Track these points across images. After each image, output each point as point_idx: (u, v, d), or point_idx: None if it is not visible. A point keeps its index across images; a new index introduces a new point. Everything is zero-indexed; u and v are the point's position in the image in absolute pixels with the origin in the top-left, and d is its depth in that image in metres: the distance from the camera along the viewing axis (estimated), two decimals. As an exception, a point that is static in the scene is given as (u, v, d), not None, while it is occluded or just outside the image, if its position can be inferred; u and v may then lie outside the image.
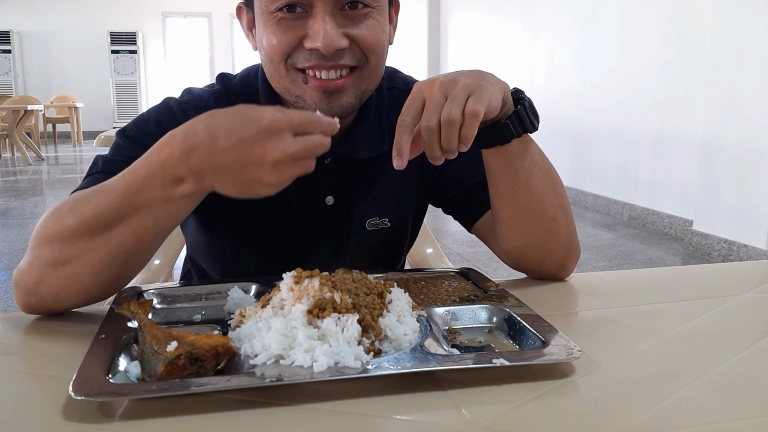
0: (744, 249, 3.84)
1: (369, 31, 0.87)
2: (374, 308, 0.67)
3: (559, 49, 6.35)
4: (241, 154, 0.66)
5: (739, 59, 3.81)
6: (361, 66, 0.89)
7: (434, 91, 0.76)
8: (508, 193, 0.90)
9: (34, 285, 0.78)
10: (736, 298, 0.88)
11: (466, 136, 0.74)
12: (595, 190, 5.73)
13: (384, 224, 1.04)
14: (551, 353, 0.64)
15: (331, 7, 0.84)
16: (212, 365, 0.62)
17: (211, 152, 0.67)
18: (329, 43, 0.83)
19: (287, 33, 0.86)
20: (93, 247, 0.75)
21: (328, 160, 0.99)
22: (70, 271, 0.76)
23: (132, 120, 0.99)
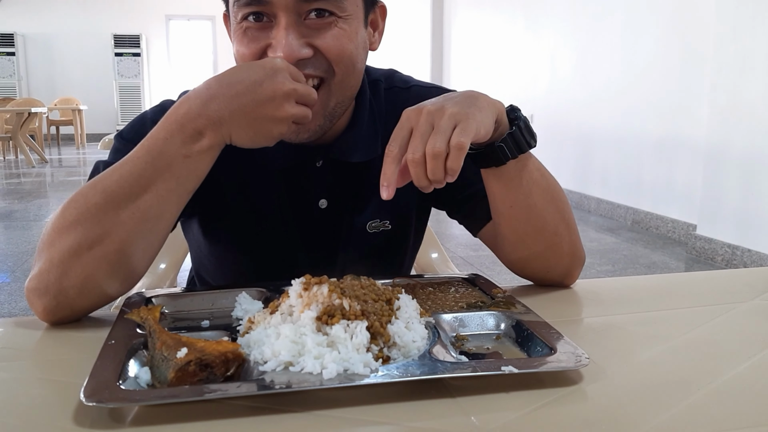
0: (748, 254, 3.83)
1: (333, 40, 0.86)
2: (383, 315, 0.67)
3: (562, 51, 6.35)
4: (255, 93, 0.76)
5: (742, 62, 3.81)
6: (327, 78, 0.88)
7: (421, 121, 0.75)
8: (508, 211, 0.91)
9: (57, 282, 0.77)
10: (742, 305, 0.88)
11: (452, 168, 0.73)
12: (598, 194, 5.73)
13: (385, 226, 1.04)
14: (559, 360, 0.64)
15: (294, 17, 0.84)
16: (222, 372, 0.62)
17: (227, 97, 0.76)
18: (290, 53, 0.83)
19: (252, 43, 0.87)
20: (120, 220, 0.76)
21: (320, 163, 0.99)
22: (97, 253, 0.76)
23: (129, 123, 1.00)
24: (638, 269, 4.01)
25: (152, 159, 0.77)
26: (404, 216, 1.06)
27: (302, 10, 0.84)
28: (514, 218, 0.91)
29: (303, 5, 0.84)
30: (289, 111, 0.77)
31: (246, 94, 0.76)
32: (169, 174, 0.77)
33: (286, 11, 0.84)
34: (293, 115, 0.78)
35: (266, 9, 0.85)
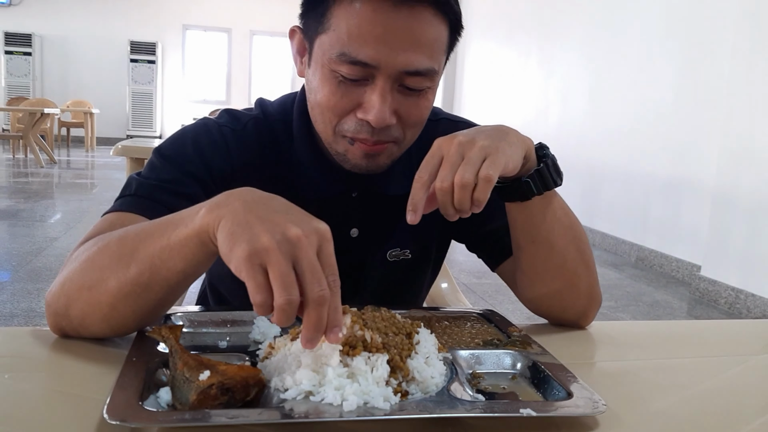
0: (752, 298, 3.83)
1: (417, 110, 0.89)
2: (403, 349, 0.68)
3: (574, 86, 6.39)
4: (278, 212, 0.65)
5: (755, 107, 3.83)
6: (398, 141, 0.90)
7: (452, 151, 0.77)
8: (529, 246, 0.92)
9: (64, 308, 0.78)
10: (755, 357, 0.89)
11: (478, 199, 0.75)
12: (604, 229, 5.73)
13: (405, 255, 1.05)
14: (577, 406, 0.64)
15: (390, 83, 0.85)
16: (242, 396, 0.62)
17: (250, 202, 0.67)
18: (380, 120, 0.85)
19: (344, 99, 0.86)
20: (114, 272, 0.74)
21: (356, 194, 1.00)
22: (94, 297, 0.75)
23: (169, 138, 0.99)
24: (640, 307, 4.00)
25: (161, 229, 0.73)
26: (425, 246, 1.07)
27: (401, 80, 0.85)
28: (535, 254, 0.92)
29: (405, 77, 0.85)
30: (273, 259, 0.60)
31: (269, 206, 0.67)
32: (161, 250, 0.72)
33: (388, 78, 0.84)
34: (261, 269, 0.61)
35: (368, 71, 0.84)
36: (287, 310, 0.59)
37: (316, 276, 0.61)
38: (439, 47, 0.87)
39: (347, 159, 0.91)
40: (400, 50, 0.82)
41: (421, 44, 0.83)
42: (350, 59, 0.82)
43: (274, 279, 0.60)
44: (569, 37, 6.50)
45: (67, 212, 5.83)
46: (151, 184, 0.90)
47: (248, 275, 0.61)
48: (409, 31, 0.82)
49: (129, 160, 3.63)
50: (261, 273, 0.61)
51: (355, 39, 0.82)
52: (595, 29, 6.04)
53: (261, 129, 0.99)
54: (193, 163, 0.93)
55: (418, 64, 0.84)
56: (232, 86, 13.73)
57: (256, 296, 0.60)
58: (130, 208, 0.87)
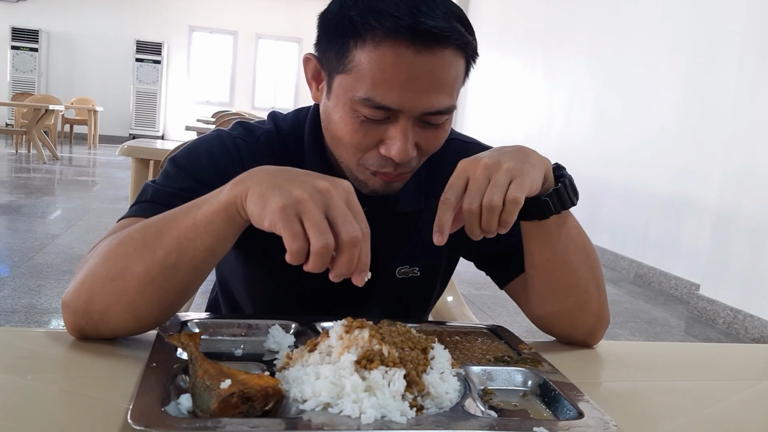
0: (750, 319, 3.84)
1: (435, 141, 0.90)
2: (419, 364, 0.69)
3: (578, 100, 6.42)
4: (302, 173, 0.72)
5: (758, 129, 3.86)
6: (415, 168, 0.93)
7: (478, 173, 0.78)
8: (543, 264, 0.93)
9: (84, 304, 0.79)
10: (762, 383, 0.90)
11: (506, 221, 0.77)
12: (603, 244, 5.75)
13: (414, 272, 1.06)
14: (588, 426, 0.65)
15: (413, 122, 0.86)
16: (261, 406, 0.63)
17: (275, 172, 0.73)
18: (405, 158, 0.87)
19: (367, 137, 0.87)
20: (140, 257, 0.76)
21: (366, 209, 1.01)
22: (118, 286, 0.77)
23: (184, 148, 1.01)
24: (638, 324, 4.01)
25: (184, 212, 0.77)
26: (434, 264, 1.09)
27: (422, 117, 0.86)
28: (549, 272, 0.94)
29: (426, 116, 0.86)
30: (307, 207, 0.67)
31: (292, 172, 0.73)
32: (187, 229, 0.75)
33: (410, 118, 0.85)
34: (296, 219, 0.67)
35: (391, 113, 0.85)
36: (323, 253, 0.66)
37: (348, 219, 0.68)
38: (458, 83, 0.89)
39: (367, 186, 0.93)
40: (423, 93, 0.84)
41: (443, 86, 0.85)
42: (374, 104, 0.84)
43: (310, 226, 0.66)
44: (575, 52, 6.53)
45: (68, 209, 5.84)
46: (167, 191, 0.91)
47: (284, 225, 0.66)
48: (431, 74, 0.83)
49: (134, 160, 3.66)
50: (296, 222, 0.67)
51: (379, 85, 0.83)
52: (600, 44, 6.08)
53: (273, 142, 1.01)
54: (207, 172, 0.95)
55: (439, 105, 0.86)
56: (236, 89, 13.76)
57: (293, 244, 0.66)
58: (145, 213, 0.89)
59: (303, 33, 12.99)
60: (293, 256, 0.66)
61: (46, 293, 3.36)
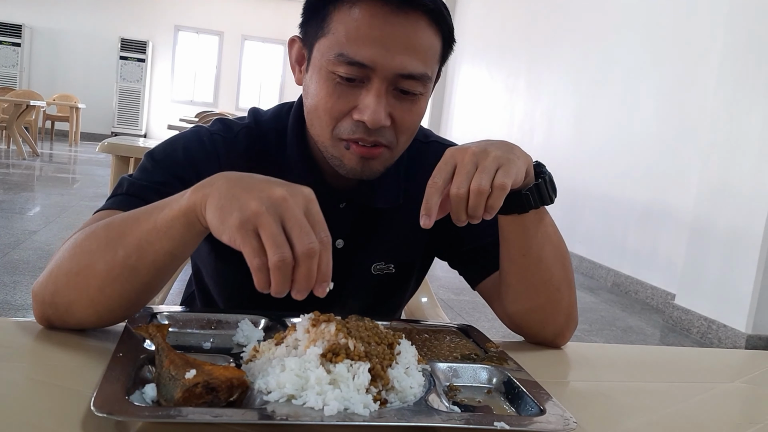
0: (723, 329, 3.89)
1: (410, 116, 0.92)
2: (384, 358, 0.70)
3: (559, 111, 6.49)
4: (260, 180, 0.69)
5: (735, 143, 3.92)
6: (391, 146, 0.93)
7: (466, 160, 0.80)
8: (519, 259, 0.95)
9: (51, 296, 0.80)
10: (723, 385, 0.92)
11: (492, 206, 0.79)
12: (581, 252, 5.80)
13: (389, 269, 1.07)
14: (548, 422, 0.67)
15: (386, 85, 0.88)
16: (226, 396, 0.64)
17: (236, 179, 0.71)
18: (376, 120, 0.88)
19: (340, 100, 0.89)
20: (102, 256, 0.76)
21: (343, 205, 1.02)
22: (81, 282, 0.77)
23: (161, 143, 1.02)
24: (614, 332, 4.05)
25: (146, 214, 0.76)
26: (409, 261, 1.10)
27: (396, 83, 0.89)
28: (524, 267, 0.95)
29: (400, 79, 0.88)
30: (263, 220, 0.64)
31: (252, 179, 0.70)
32: (148, 232, 0.75)
33: (383, 80, 0.87)
34: (254, 234, 0.65)
35: (365, 72, 0.87)
36: (281, 267, 0.63)
37: (304, 230, 0.65)
38: (433, 55, 0.91)
39: (343, 164, 0.93)
40: (395, 53, 0.86)
41: (415, 49, 0.88)
42: (348, 60, 0.86)
43: (266, 240, 0.64)
44: (557, 63, 6.60)
45: (47, 206, 5.78)
46: (142, 184, 0.92)
47: (243, 242, 0.64)
48: (404, 36, 0.87)
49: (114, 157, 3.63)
50: (255, 238, 0.65)
51: (354, 41, 0.86)
52: (582, 57, 6.14)
53: (252, 137, 1.02)
54: (182, 167, 0.96)
55: (413, 68, 0.88)
56: (221, 89, 13.71)
57: (254, 259, 0.64)
58: (120, 206, 0.90)
59: (289, 35, 12.90)
60: (257, 273, 0.64)
61: (21, 290, 3.32)
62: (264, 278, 0.65)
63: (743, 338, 3.76)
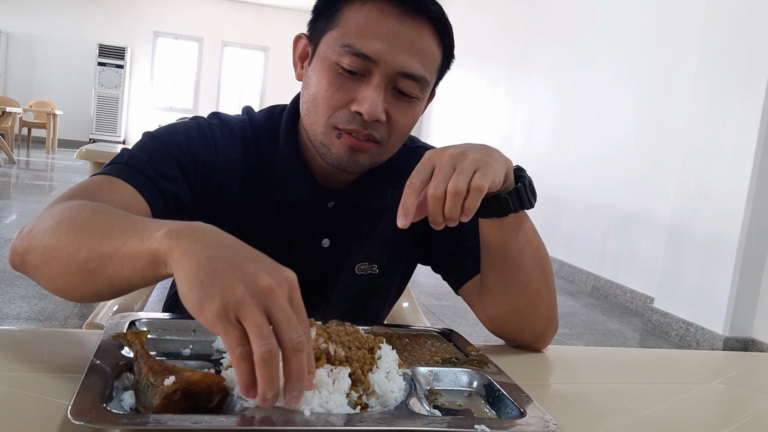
0: (701, 332, 3.94)
1: (405, 117, 0.95)
2: (365, 363, 0.70)
3: (539, 117, 6.53)
4: (243, 260, 0.63)
5: (712, 149, 3.98)
6: (383, 143, 0.95)
7: (444, 161, 0.80)
8: (499, 264, 0.95)
9: (23, 251, 0.80)
10: (700, 386, 0.93)
11: (468, 208, 0.79)
12: (562, 257, 5.84)
13: (373, 270, 1.08)
14: (528, 424, 0.67)
15: (386, 81, 0.91)
16: (205, 403, 0.63)
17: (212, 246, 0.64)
18: (373, 112, 0.90)
19: (340, 91, 0.92)
20: (68, 245, 0.74)
21: (332, 204, 1.03)
22: (47, 257, 0.76)
23: (161, 127, 1.03)
24: (594, 335, 4.08)
25: (120, 229, 0.72)
26: (393, 264, 1.11)
27: (396, 81, 0.92)
28: (504, 271, 0.96)
29: (400, 78, 0.91)
30: (248, 311, 0.58)
31: (236, 254, 0.63)
32: (113, 251, 0.71)
33: (384, 75, 0.91)
34: (237, 323, 0.59)
35: (367, 66, 0.90)
36: (268, 359, 0.57)
37: (293, 324, 0.60)
38: (433, 63, 0.95)
39: (330, 152, 0.95)
40: (399, 51, 0.90)
41: (418, 52, 0.92)
42: (354, 51, 0.90)
43: (251, 331, 0.58)
44: (537, 70, 6.66)
45: (23, 213, 5.70)
46: (142, 158, 0.94)
47: (225, 331, 0.59)
48: (409, 37, 0.91)
49: (92, 164, 3.60)
50: (238, 327, 0.59)
51: (362, 33, 0.90)
52: (562, 64, 6.20)
53: (246, 133, 1.04)
54: (180, 149, 0.98)
55: (414, 68, 0.91)
56: (201, 96, 13.64)
57: (237, 348, 0.58)
58: (119, 174, 0.91)
59: (269, 42, 12.95)
60: (240, 363, 0.58)
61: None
62: (248, 368, 0.58)
63: (721, 340, 3.81)
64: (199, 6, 13.25)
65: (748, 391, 0.95)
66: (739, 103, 3.80)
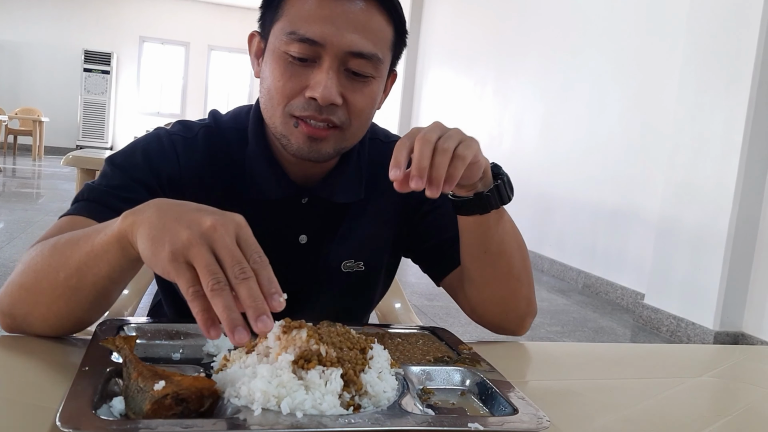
0: (692, 327, 3.96)
1: (362, 98, 0.94)
2: (357, 363, 0.69)
3: (527, 116, 6.55)
4: (191, 210, 0.68)
5: (698, 145, 4.00)
6: (344, 127, 0.94)
7: (431, 127, 0.82)
8: (481, 256, 0.98)
9: (9, 307, 0.82)
10: (691, 380, 0.93)
11: (452, 175, 0.79)
12: (552, 255, 5.86)
13: (359, 267, 1.09)
14: (522, 421, 0.67)
15: (338, 64, 0.91)
16: (196, 407, 0.63)
17: (168, 205, 0.70)
18: (327, 96, 0.89)
19: (293, 79, 0.92)
20: (47, 275, 0.79)
21: (306, 200, 1.03)
22: (32, 297, 0.80)
23: (122, 148, 1.03)
24: (586, 333, 4.09)
25: (86, 237, 0.77)
26: (377, 259, 1.11)
27: (347, 62, 0.91)
28: (487, 263, 0.98)
29: (350, 58, 0.91)
30: (195, 252, 0.63)
31: (182, 208, 0.69)
32: (86, 255, 0.76)
33: (334, 57, 0.90)
34: (188, 266, 0.64)
35: (316, 51, 0.90)
36: (217, 290, 0.61)
37: (236, 258, 0.63)
38: (383, 40, 0.94)
39: (291, 142, 0.95)
40: (345, 31, 0.89)
41: (365, 29, 0.91)
42: (299, 37, 0.89)
43: (200, 269, 0.63)
44: (525, 69, 6.67)
45: (10, 222, 5.65)
46: (102, 189, 0.95)
47: (177, 274, 0.63)
48: (354, 16, 0.90)
49: (80, 170, 3.57)
50: (189, 269, 0.63)
51: (305, 19, 0.90)
52: (549, 63, 6.22)
53: (212, 136, 1.04)
54: (141, 170, 0.98)
55: (362, 47, 0.90)
56: (188, 100, 13.60)
57: (189, 288, 0.62)
58: (81, 212, 0.92)
59: (256, 45, 12.90)
60: (193, 302, 0.62)
61: (-15, 307, 3.24)
62: (202, 305, 0.62)
63: (711, 335, 3.83)
64: (185, 10, 13.20)
65: (739, 383, 0.96)
66: (725, 98, 3.83)
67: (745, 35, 3.72)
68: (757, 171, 3.75)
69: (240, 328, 0.60)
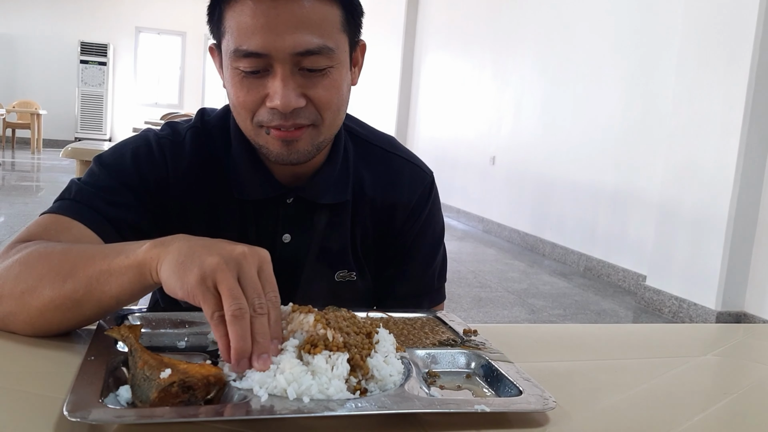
0: (693, 307, 3.97)
1: (325, 91, 0.91)
2: (363, 348, 0.69)
3: (526, 99, 6.53)
4: (219, 243, 0.71)
5: (698, 126, 3.99)
6: (316, 123, 0.93)
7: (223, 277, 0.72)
8: None
9: None
10: (696, 359, 0.93)
11: None
12: (553, 239, 5.86)
13: (351, 277, 1.10)
14: (528, 402, 0.67)
15: (290, 68, 0.88)
16: (203, 394, 0.63)
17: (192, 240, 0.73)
18: (286, 104, 0.88)
19: (251, 92, 0.90)
20: (50, 283, 0.77)
21: (290, 199, 1.03)
22: (25, 300, 0.78)
23: (111, 147, 1.03)
24: (588, 315, 4.10)
25: (102, 254, 0.78)
26: (366, 268, 1.12)
27: (299, 63, 0.88)
28: None
29: (300, 59, 0.88)
30: (223, 276, 0.66)
31: (212, 241, 0.72)
32: (100, 272, 0.76)
33: (284, 63, 0.87)
34: (214, 290, 0.67)
35: (265, 61, 0.88)
36: (238, 316, 0.65)
37: (257, 291, 0.68)
38: (330, 26, 0.89)
39: (269, 150, 0.94)
40: (285, 34, 0.86)
41: (307, 24, 0.87)
42: (243, 53, 0.87)
43: (224, 293, 0.66)
44: (523, 53, 6.64)
45: (10, 215, 5.66)
46: (90, 191, 0.94)
47: (204, 297, 0.66)
48: (290, 15, 0.86)
49: (79, 162, 3.57)
50: (215, 294, 0.67)
51: (243, 33, 0.87)
52: (547, 46, 6.19)
53: (199, 138, 1.04)
54: (129, 174, 0.98)
55: (308, 44, 0.87)
56: (185, 90, 13.55)
57: (215, 313, 0.66)
58: (66, 212, 0.92)
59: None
60: (217, 327, 0.66)
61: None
62: (225, 331, 0.65)
63: (713, 315, 3.84)
64: (180, 0, 13.12)
65: (743, 361, 0.96)
66: (724, 78, 3.81)
67: (743, 15, 3.70)
68: (758, 150, 3.74)
69: (246, 360, 0.65)
